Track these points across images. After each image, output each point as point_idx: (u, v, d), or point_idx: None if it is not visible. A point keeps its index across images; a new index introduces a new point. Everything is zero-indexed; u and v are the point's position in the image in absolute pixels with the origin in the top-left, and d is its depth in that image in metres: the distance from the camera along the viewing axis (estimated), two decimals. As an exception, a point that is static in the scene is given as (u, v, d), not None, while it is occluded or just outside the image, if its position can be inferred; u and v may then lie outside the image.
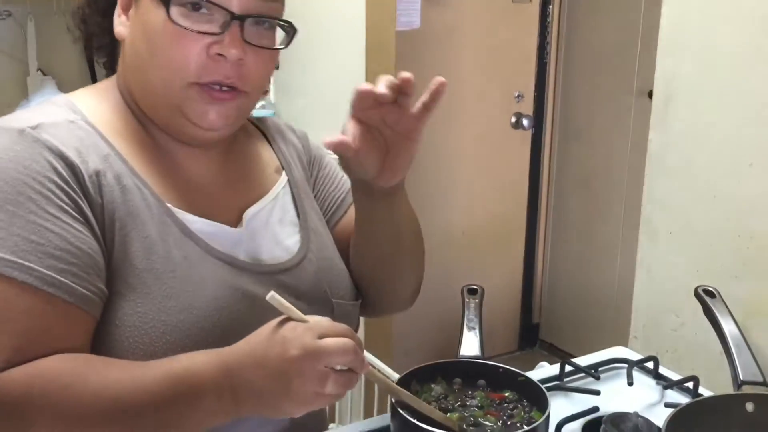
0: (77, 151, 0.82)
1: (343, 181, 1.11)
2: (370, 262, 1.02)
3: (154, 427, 0.76)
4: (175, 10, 0.83)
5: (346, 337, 0.76)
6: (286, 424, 0.96)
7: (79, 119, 0.86)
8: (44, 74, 2.27)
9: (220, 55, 0.84)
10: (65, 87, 2.18)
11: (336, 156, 0.86)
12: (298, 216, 1.01)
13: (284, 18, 0.91)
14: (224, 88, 0.86)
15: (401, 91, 0.82)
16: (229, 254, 0.90)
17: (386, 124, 0.85)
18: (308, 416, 1.00)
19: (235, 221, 0.94)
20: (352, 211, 1.07)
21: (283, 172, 1.04)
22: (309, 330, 0.75)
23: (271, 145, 1.07)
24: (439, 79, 0.83)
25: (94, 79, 2.23)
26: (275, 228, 0.98)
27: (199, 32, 0.83)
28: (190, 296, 0.83)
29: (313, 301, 0.94)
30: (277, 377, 0.74)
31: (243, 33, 0.84)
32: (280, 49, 0.91)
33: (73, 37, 0.98)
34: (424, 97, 0.84)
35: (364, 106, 0.82)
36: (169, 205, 0.87)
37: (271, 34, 0.90)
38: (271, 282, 0.91)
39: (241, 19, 0.84)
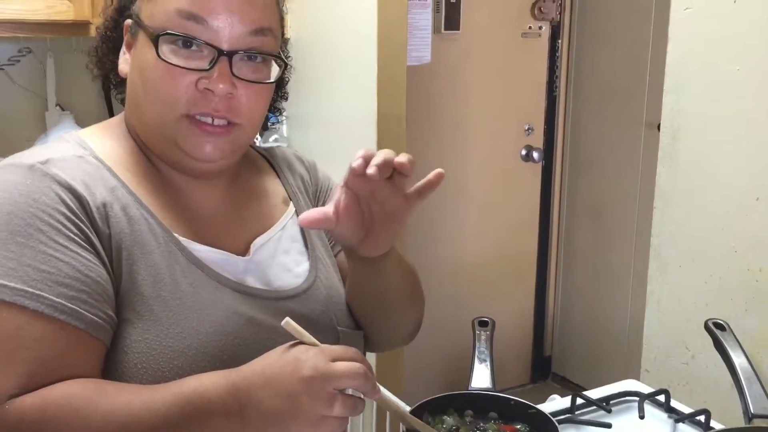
0: (85, 184, 0.85)
1: None
2: (360, 310, 1.04)
3: None
4: (164, 48, 0.86)
5: (357, 362, 0.77)
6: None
7: (87, 154, 0.90)
8: (63, 110, 2.31)
9: (208, 89, 0.86)
10: (83, 122, 2.22)
11: None
12: (306, 246, 1.03)
13: (280, 53, 0.93)
14: (216, 122, 0.88)
15: (399, 171, 0.82)
16: (236, 281, 0.91)
17: (375, 199, 0.84)
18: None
19: (243, 251, 0.96)
20: None
21: (291, 203, 1.06)
22: (321, 353, 0.76)
23: (278, 175, 1.08)
24: (439, 171, 0.84)
25: (111, 115, 2.28)
26: (283, 258, 0.99)
27: (188, 69, 0.86)
28: (196, 322, 0.85)
29: (319, 328, 0.95)
30: (286, 397, 0.74)
31: (232, 68, 0.87)
32: (273, 83, 0.92)
33: (92, 76, 1.01)
34: (420, 184, 0.84)
35: (357, 173, 0.81)
36: (175, 234, 0.89)
37: (264, 68, 0.91)
38: (279, 308, 0.93)
39: (229, 55, 0.86)
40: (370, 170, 0.79)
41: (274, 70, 0.94)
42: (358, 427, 1.94)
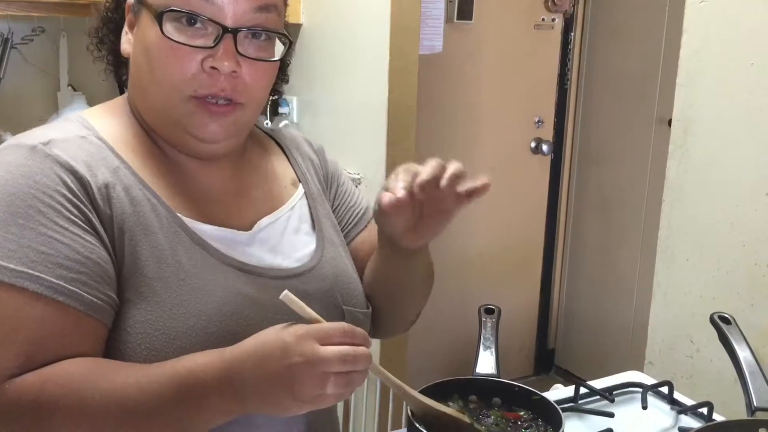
0: (87, 165, 0.85)
1: (360, 198, 1.14)
2: (378, 293, 1.05)
3: (161, 428, 0.78)
4: (168, 26, 0.85)
5: (349, 339, 0.76)
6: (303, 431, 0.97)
7: (90, 135, 0.89)
8: (74, 90, 2.33)
9: (213, 68, 0.85)
10: (94, 102, 2.22)
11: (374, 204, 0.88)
12: (314, 227, 1.03)
13: (284, 31, 0.92)
14: (221, 101, 0.88)
15: (456, 177, 0.87)
16: (240, 260, 0.91)
17: (431, 197, 0.87)
18: (325, 425, 1.02)
19: (248, 229, 0.96)
20: (370, 228, 1.10)
21: (300, 185, 1.06)
22: (310, 337, 0.75)
23: (287, 156, 1.08)
24: (486, 181, 0.91)
25: (122, 95, 2.28)
26: (291, 237, 1.00)
27: (193, 46, 0.85)
28: (198, 303, 0.85)
29: (324, 307, 0.95)
30: (276, 379, 0.75)
31: (236, 45, 0.86)
32: (277, 60, 0.92)
33: (92, 57, 1.00)
34: (470, 188, 0.89)
35: (427, 185, 0.85)
36: (179, 215, 0.89)
37: (269, 46, 0.91)
38: (283, 287, 0.91)
39: (233, 32, 0.86)
40: (444, 183, 0.86)
41: (278, 49, 0.93)
42: (360, 413, 1.95)
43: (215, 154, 0.94)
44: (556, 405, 0.91)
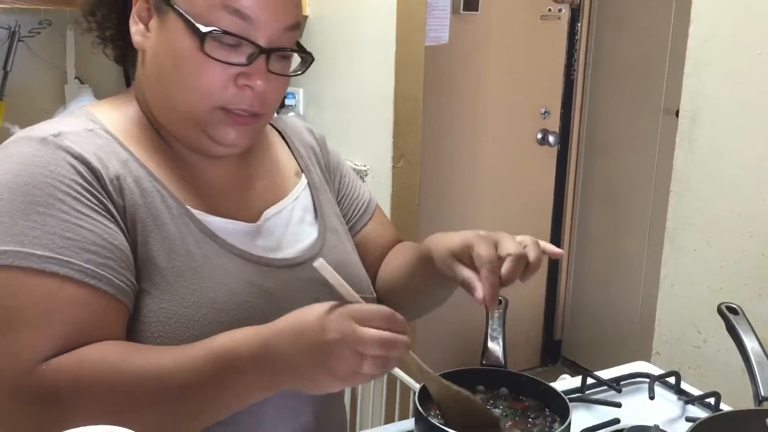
0: (97, 157, 0.85)
1: (363, 190, 1.17)
2: (397, 295, 1.08)
3: (198, 404, 0.79)
4: (211, 44, 0.86)
5: (386, 323, 0.76)
6: (311, 422, 0.98)
7: (97, 128, 0.90)
8: (81, 83, 2.33)
9: (246, 85, 0.87)
10: (101, 95, 2.23)
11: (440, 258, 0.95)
12: (316, 216, 1.04)
13: (308, 51, 0.94)
14: (246, 113, 0.90)
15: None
16: (248, 251, 0.93)
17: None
18: (330, 421, 1.03)
19: (255, 221, 0.97)
20: (374, 221, 1.14)
21: (303, 175, 1.07)
22: (348, 316, 0.75)
23: (289, 147, 1.10)
24: (558, 251, 0.97)
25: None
26: (295, 228, 1.01)
27: (228, 63, 0.86)
28: (211, 292, 0.86)
29: (327, 294, 0.96)
30: (313, 354, 0.75)
31: (268, 65, 0.88)
32: (297, 75, 0.95)
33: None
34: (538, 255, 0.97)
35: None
36: (188, 207, 0.90)
37: (289, 60, 0.93)
38: (289, 276, 0.95)
39: (267, 52, 0.87)
40: (524, 280, 0.94)
41: (295, 60, 0.95)
42: (367, 404, 1.95)
43: (227, 156, 0.96)
44: (563, 395, 0.91)
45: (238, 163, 0.99)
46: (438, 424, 0.83)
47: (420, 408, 0.85)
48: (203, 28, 0.85)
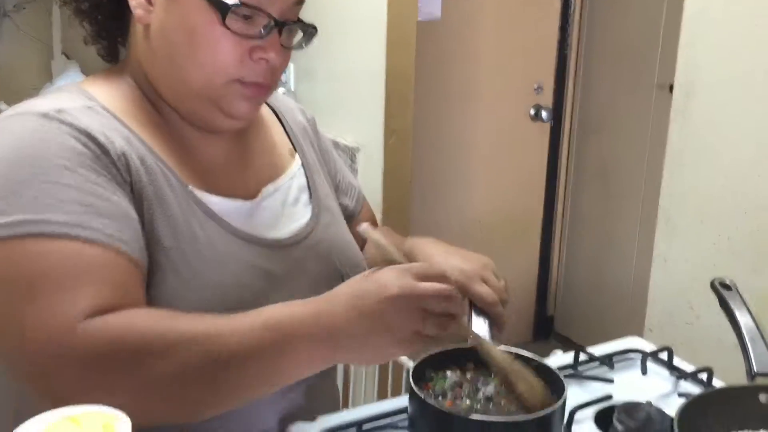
0: (103, 134, 0.83)
1: (352, 176, 1.18)
2: None
3: (252, 372, 0.76)
4: (229, 17, 0.84)
5: (442, 280, 0.76)
6: (302, 399, 0.98)
7: (95, 105, 0.88)
8: (68, 58, 2.30)
9: (262, 58, 0.87)
10: (88, 71, 2.21)
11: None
12: (311, 196, 1.04)
13: (314, 24, 0.95)
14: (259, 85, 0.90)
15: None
16: (249, 233, 0.92)
17: None
18: (321, 398, 1.03)
19: (253, 198, 0.97)
20: (366, 208, 1.16)
21: (297, 155, 1.07)
22: (407, 271, 0.75)
23: (281, 121, 1.09)
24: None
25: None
26: (291, 209, 1.01)
27: (246, 36, 0.85)
28: (216, 275, 0.86)
29: (323, 271, 0.97)
30: (374, 317, 0.74)
31: (281, 38, 0.88)
32: (302, 48, 0.95)
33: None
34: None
35: None
36: (189, 186, 0.89)
37: (295, 34, 0.93)
38: (287, 256, 0.94)
39: (281, 25, 0.87)
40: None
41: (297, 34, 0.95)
42: (360, 380, 1.95)
43: (234, 130, 0.95)
44: (557, 371, 0.90)
45: (236, 141, 0.98)
46: (432, 403, 0.82)
47: (414, 386, 0.84)
48: (229, 1, 0.84)
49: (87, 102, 0.87)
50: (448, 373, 0.94)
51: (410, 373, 0.87)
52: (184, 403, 0.76)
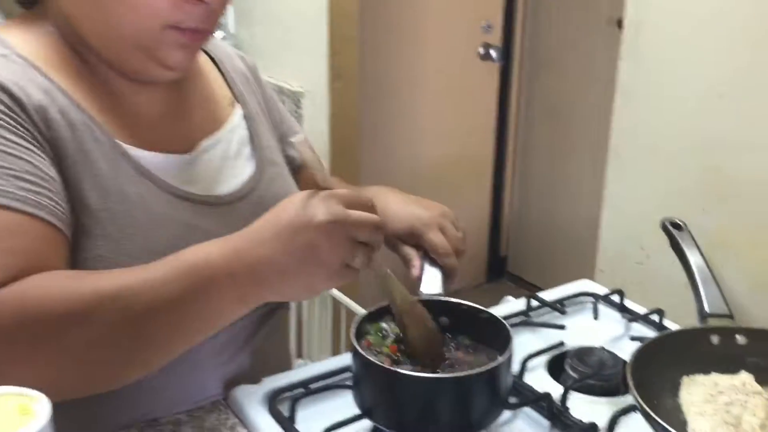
0: (17, 85, 0.76)
1: (297, 126, 1.13)
2: None
3: (169, 325, 0.72)
4: None
5: (370, 210, 0.73)
6: (248, 362, 0.94)
7: (10, 53, 0.80)
8: (-12, 3, 2.15)
9: (199, 0, 0.80)
10: (6, 16, 2.07)
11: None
12: (253, 149, 0.98)
13: None
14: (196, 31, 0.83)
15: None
16: (185, 190, 0.86)
17: None
18: (270, 361, 0.99)
19: (189, 152, 0.91)
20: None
21: (237, 105, 1.00)
22: (334, 196, 0.71)
23: (219, 69, 1.02)
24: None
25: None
26: (232, 162, 0.95)
27: None
28: (148, 239, 0.80)
29: None
30: (302, 248, 0.70)
31: None
32: None
33: None
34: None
35: None
36: (118, 141, 0.83)
37: None
38: (228, 213, 0.89)
39: None
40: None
41: None
42: (312, 335, 1.93)
43: (168, 80, 0.88)
44: (505, 322, 0.87)
45: (171, 91, 0.91)
46: (374, 361, 0.79)
47: (356, 344, 0.81)
48: None
49: (1, 50, 0.80)
50: (383, 324, 0.89)
51: (354, 331, 0.83)
52: (105, 368, 0.71)
